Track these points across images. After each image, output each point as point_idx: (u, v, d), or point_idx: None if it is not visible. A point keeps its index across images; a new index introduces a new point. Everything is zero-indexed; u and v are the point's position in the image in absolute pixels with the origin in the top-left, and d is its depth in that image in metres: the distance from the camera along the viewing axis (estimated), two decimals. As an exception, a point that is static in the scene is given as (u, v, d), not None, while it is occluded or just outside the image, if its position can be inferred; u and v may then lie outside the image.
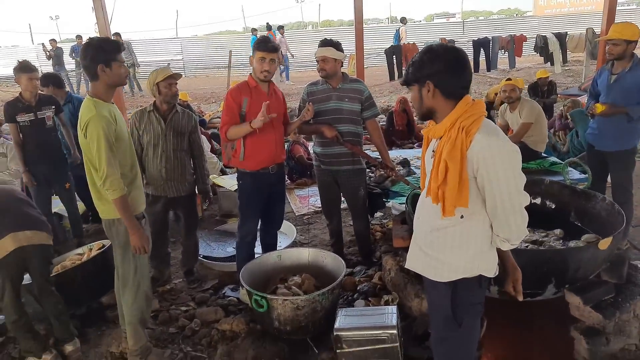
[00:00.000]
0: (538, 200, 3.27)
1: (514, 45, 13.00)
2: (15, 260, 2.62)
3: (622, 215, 2.75)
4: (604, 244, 2.46)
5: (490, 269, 1.73)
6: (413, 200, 3.18)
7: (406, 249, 3.13)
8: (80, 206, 4.51)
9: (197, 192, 3.55)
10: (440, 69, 1.60)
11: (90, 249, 3.36)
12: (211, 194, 3.61)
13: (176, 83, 3.27)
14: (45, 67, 15.11)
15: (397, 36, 15.26)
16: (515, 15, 32.73)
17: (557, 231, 2.90)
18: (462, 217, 1.64)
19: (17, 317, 2.67)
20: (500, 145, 1.55)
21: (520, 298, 1.78)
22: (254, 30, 17.79)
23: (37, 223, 2.73)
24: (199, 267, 3.76)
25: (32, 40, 24.04)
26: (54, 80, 4.39)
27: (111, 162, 2.24)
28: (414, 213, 1.93)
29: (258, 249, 3.46)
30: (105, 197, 2.32)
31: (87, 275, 3.10)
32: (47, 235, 2.75)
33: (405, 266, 1.89)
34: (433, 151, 1.71)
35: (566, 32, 12.56)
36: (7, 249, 2.57)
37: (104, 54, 2.27)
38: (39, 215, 2.84)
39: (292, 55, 15.62)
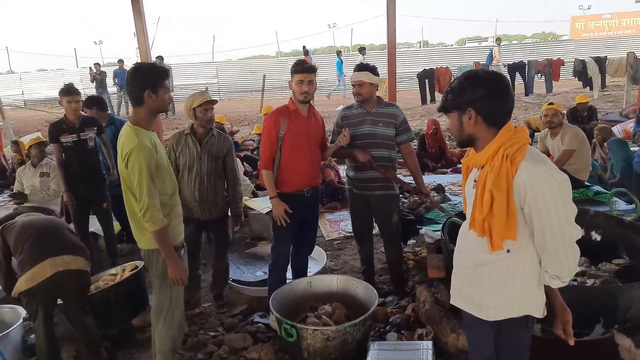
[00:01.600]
0: (582, 232, 3.11)
1: (550, 69, 12.73)
2: (52, 285, 2.59)
3: (677, 251, 2.58)
4: (658, 282, 2.30)
5: (538, 309, 1.62)
6: (450, 229, 3.08)
7: (441, 280, 3.04)
8: (116, 226, 4.59)
9: (229, 214, 3.55)
10: (483, 95, 1.55)
11: (124, 270, 3.38)
12: (243, 217, 3.59)
13: (212, 108, 3.31)
14: (89, 90, 15.82)
15: (490, 56, 15.25)
16: (550, 39, 32.22)
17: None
18: (508, 251, 1.56)
19: (45, 345, 2.63)
20: (549, 173, 1.47)
21: (572, 342, 1.66)
22: (339, 52, 18.60)
23: (75, 248, 2.73)
24: (229, 291, 3.73)
25: (77, 64, 25.28)
26: (97, 102, 4.57)
27: (152, 193, 2.20)
28: (452, 243, 1.85)
29: (289, 273, 3.41)
30: (144, 227, 2.28)
31: (120, 296, 3.10)
32: (85, 262, 2.73)
33: (451, 302, 1.79)
34: (475, 181, 1.64)
35: (606, 56, 12.23)
36: (46, 274, 2.56)
37: (152, 79, 2.24)
38: (78, 241, 2.85)
39: None
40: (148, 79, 2.24)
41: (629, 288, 2.37)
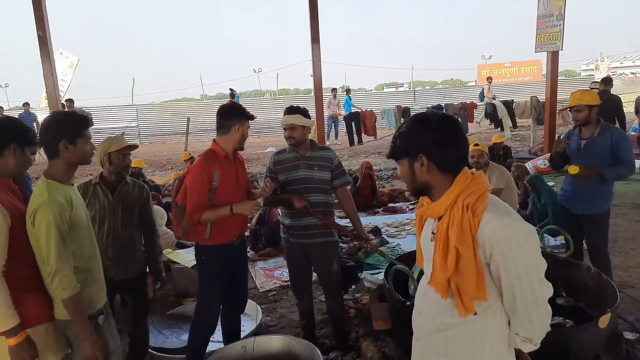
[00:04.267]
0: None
1: (465, 112, 13.65)
2: None
3: (613, 287, 2.61)
4: (604, 321, 2.27)
5: None
6: (394, 277, 2.91)
7: (388, 332, 2.83)
8: None
9: (148, 272, 3.12)
10: (434, 140, 1.40)
11: None
12: (164, 274, 3.18)
13: (130, 154, 2.96)
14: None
15: (482, 94, 16.05)
16: (457, 85, 35.07)
17: None
18: (475, 313, 1.37)
19: None
20: (515, 226, 1.32)
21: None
22: (348, 90, 17.05)
23: None
24: (149, 361, 3.24)
25: (-23, 106, 22.99)
26: None
27: (62, 255, 1.90)
28: (397, 292, 1.65)
29: (218, 335, 3.03)
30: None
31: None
32: None
33: None
34: (433, 233, 1.47)
35: (512, 100, 13.38)
36: None
37: (68, 129, 2.02)
38: None
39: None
40: (64, 129, 2.02)
41: (579, 330, 2.32)
